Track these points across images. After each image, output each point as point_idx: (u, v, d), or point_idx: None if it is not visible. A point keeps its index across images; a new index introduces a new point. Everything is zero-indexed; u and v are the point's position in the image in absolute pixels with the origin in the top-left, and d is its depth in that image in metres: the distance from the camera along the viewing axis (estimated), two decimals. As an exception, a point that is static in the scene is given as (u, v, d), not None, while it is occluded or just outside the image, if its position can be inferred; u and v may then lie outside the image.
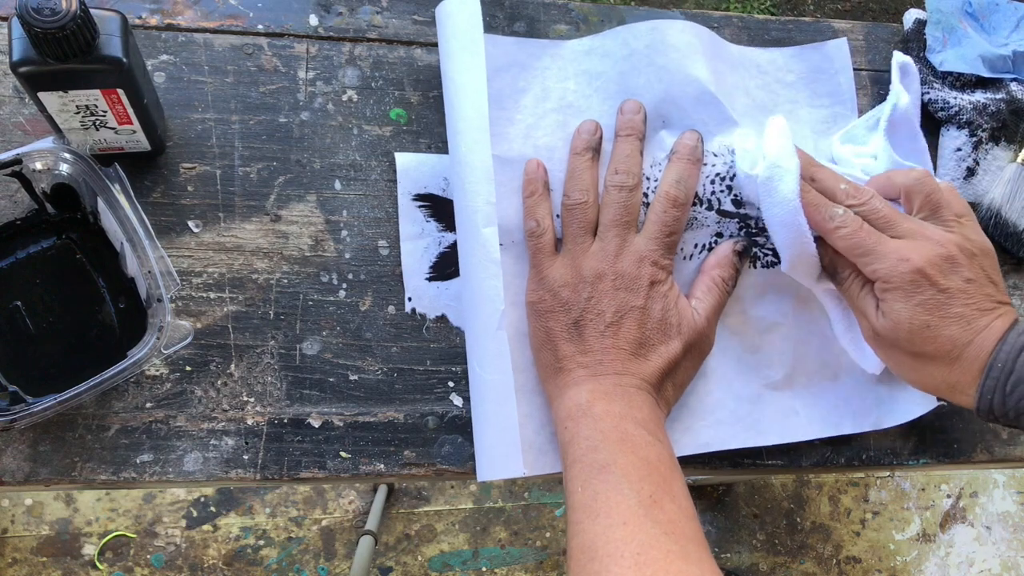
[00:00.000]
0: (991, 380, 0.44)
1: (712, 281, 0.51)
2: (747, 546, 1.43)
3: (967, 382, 0.46)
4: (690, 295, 0.51)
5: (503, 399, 0.48)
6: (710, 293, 0.51)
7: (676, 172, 0.51)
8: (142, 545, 1.27)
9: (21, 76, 0.42)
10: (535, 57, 0.56)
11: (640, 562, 0.39)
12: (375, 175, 0.54)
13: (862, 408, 0.54)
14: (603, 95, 0.55)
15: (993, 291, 0.47)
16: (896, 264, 0.47)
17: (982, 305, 0.46)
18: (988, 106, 0.60)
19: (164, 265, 0.46)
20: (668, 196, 0.51)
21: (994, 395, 0.44)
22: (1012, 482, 1.53)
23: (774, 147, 0.50)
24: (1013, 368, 0.44)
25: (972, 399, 0.46)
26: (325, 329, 0.51)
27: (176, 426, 0.48)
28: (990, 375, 0.44)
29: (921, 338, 0.46)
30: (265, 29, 0.55)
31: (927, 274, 0.46)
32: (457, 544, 1.35)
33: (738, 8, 1.75)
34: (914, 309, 0.46)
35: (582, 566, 0.41)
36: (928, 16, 0.63)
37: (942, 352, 0.46)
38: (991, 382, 0.44)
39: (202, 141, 0.52)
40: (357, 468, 0.50)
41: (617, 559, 0.40)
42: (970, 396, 0.46)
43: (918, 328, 0.46)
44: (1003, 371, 0.44)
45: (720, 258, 0.52)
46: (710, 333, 0.51)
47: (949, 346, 0.46)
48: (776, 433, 0.53)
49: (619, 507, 0.41)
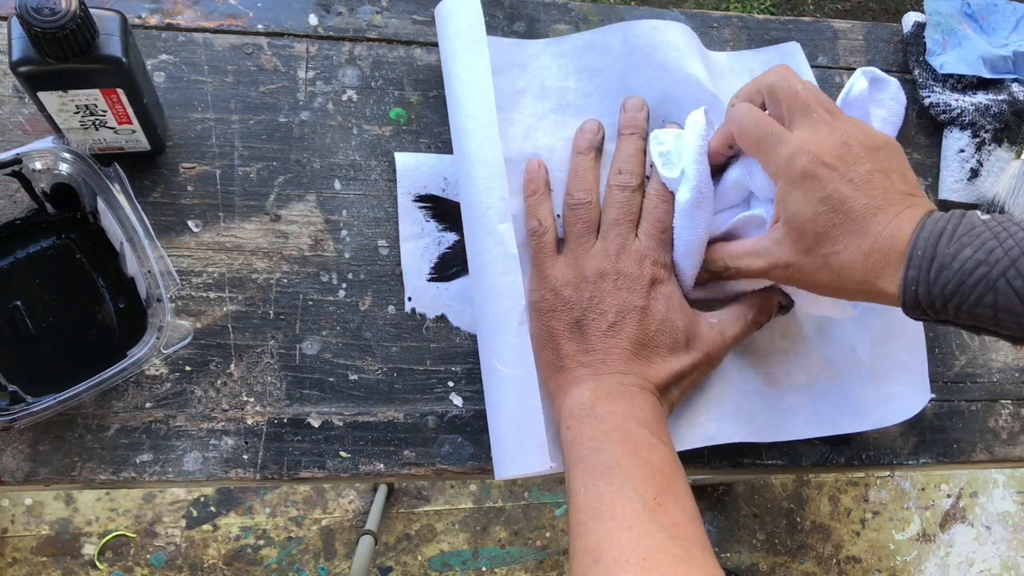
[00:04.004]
0: (912, 270, 0.41)
1: (746, 315, 0.51)
2: (747, 546, 1.43)
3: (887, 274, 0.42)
4: (717, 313, 0.51)
5: (527, 394, 0.48)
6: (737, 323, 0.50)
7: None
8: (142, 545, 1.27)
9: (21, 76, 0.42)
10: (534, 57, 0.56)
11: (646, 567, 0.39)
12: (375, 175, 0.54)
13: (864, 407, 0.54)
14: (603, 93, 0.55)
15: (903, 185, 0.44)
16: (795, 157, 0.44)
17: (891, 197, 0.43)
18: (990, 107, 0.60)
19: (164, 265, 0.46)
20: (656, 192, 0.51)
21: (918, 286, 0.41)
22: (1012, 482, 1.53)
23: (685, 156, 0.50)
24: (935, 254, 0.40)
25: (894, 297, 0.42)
26: (325, 329, 0.51)
27: (176, 426, 0.48)
28: (911, 264, 0.41)
29: (829, 237, 0.43)
30: (265, 29, 0.55)
31: (818, 172, 0.43)
32: (457, 544, 1.35)
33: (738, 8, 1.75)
34: (816, 207, 0.43)
35: (587, 568, 0.41)
36: (927, 18, 0.63)
37: (851, 248, 0.43)
38: (912, 272, 0.41)
39: (202, 141, 0.52)
40: (357, 468, 0.50)
41: (623, 564, 0.39)
42: (892, 292, 0.42)
43: (823, 227, 0.43)
44: (923, 258, 0.41)
45: (764, 301, 0.52)
46: (724, 356, 0.51)
47: (858, 240, 0.42)
48: (777, 431, 0.53)
49: (624, 510, 0.41)
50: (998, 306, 0.40)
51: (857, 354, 0.55)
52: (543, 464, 0.47)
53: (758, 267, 0.47)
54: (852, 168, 0.44)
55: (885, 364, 0.55)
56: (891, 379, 0.55)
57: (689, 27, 0.57)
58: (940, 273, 0.40)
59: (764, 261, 0.47)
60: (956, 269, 0.40)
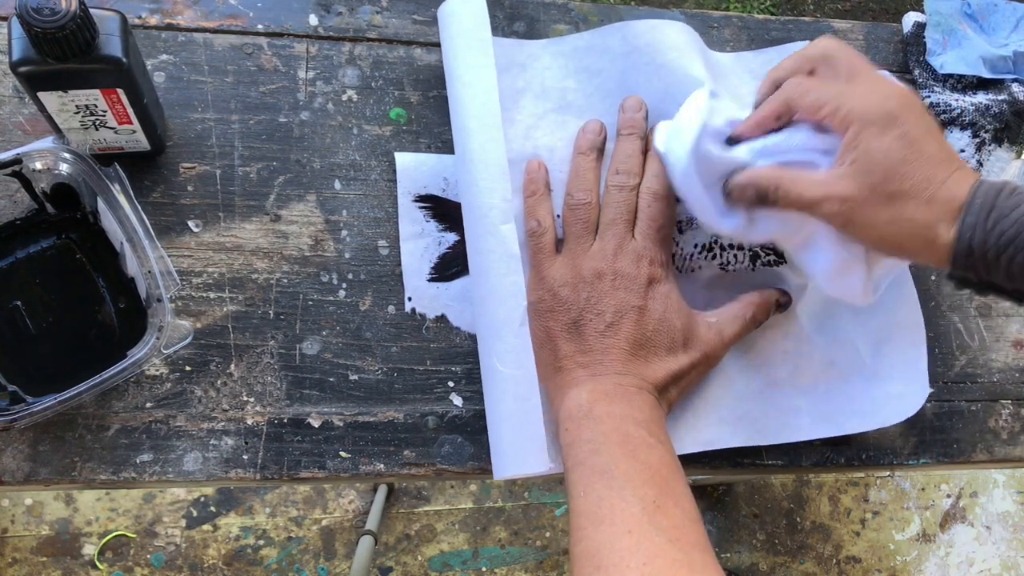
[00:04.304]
0: (971, 216, 0.42)
1: (744, 314, 0.51)
2: (747, 546, 1.43)
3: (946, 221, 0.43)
4: (715, 312, 0.51)
5: (526, 394, 0.48)
6: (735, 323, 0.51)
7: (653, 165, 0.51)
8: (142, 545, 1.27)
9: (21, 76, 0.42)
10: (534, 57, 0.56)
11: (646, 572, 0.39)
12: (375, 175, 0.54)
13: (868, 407, 0.54)
14: (603, 93, 0.55)
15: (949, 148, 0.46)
16: (868, 100, 0.45)
17: (951, 154, 0.45)
18: (990, 107, 0.60)
19: (164, 265, 0.46)
20: (648, 191, 0.51)
21: (975, 232, 0.42)
22: (1012, 482, 1.53)
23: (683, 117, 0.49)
24: (994, 204, 0.42)
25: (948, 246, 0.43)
26: (325, 329, 0.51)
27: (176, 426, 0.48)
28: (970, 211, 0.43)
29: (899, 174, 0.44)
30: (265, 29, 0.55)
31: (899, 112, 0.45)
32: (457, 544, 1.35)
33: (738, 8, 1.75)
34: (891, 143, 0.44)
35: (588, 574, 0.40)
36: (927, 19, 0.63)
37: (918, 189, 0.44)
38: (971, 218, 0.42)
39: (202, 141, 0.52)
40: (357, 468, 0.50)
41: (623, 569, 0.39)
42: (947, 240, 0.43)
43: (896, 163, 0.44)
44: (983, 207, 0.42)
45: (763, 300, 0.52)
46: (723, 355, 0.51)
47: (925, 183, 0.44)
48: (778, 432, 0.53)
49: (623, 514, 0.41)
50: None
51: (860, 353, 0.55)
52: (542, 465, 0.47)
53: (812, 195, 0.46)
54: (922, 119, 0.45)
55: (887, 363, 0.55)
56: (893, 378, 0.55)
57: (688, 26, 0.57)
58: (998, 222, 0.42)
59: (822, 190, 0.46)
60: (1014, 219, 0.41)
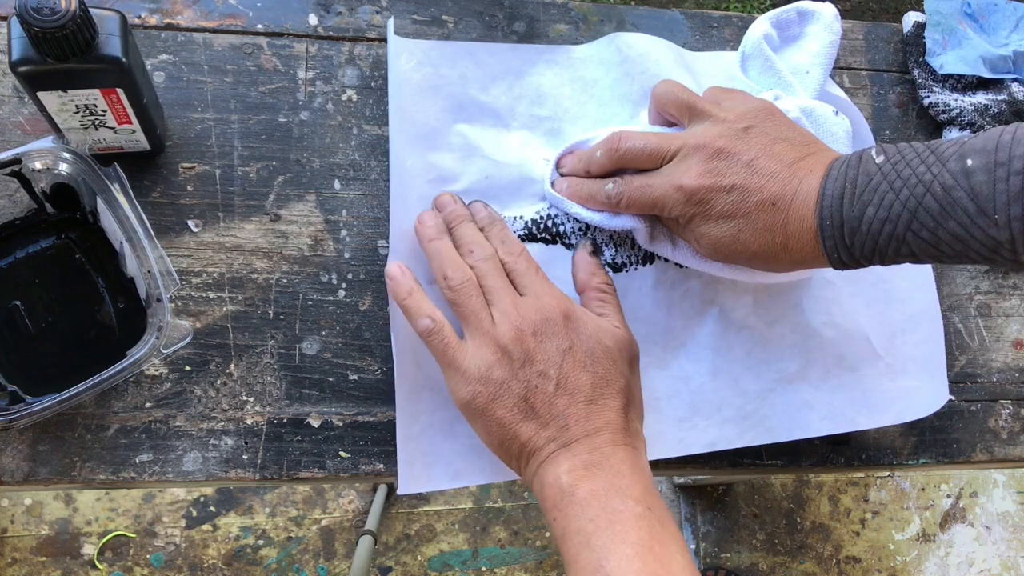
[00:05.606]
0: (828, 241, 0.42)
1: (599, 291, 0.50)
2: (747, 546, 1.43)
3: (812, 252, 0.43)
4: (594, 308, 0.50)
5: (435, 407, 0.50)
6: (607, 303, 0.49)
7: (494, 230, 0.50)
8: (142, 545, 1.27)
9: (20, 76, 0.42)
10: (530, 64, 0.56)
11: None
12: (375, 175, 0.54)
13: (881, 402, 0.54)
14: (598, 102, 0.56)
15: (785, 149, 0.44)
16: (673, 195, 0.45)
17: (779, 174, 0.44)
18: (990, 107, 0.60)
19: (163, 265, 0.46)
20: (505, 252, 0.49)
21: (839, 253, 0.42)
22: (1012, 482, 1.53)
23: None
24: (842, 220, 0.41)
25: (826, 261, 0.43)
26: (324, 329, 0.51)
27: (175, 426, 0.48)
28: (824, 237, 0.42)
29: (743, 245, 0.44)
30: (264, 29, 0.55)
31: (704, 186, 0.44)
32: (457, 544, 1.35)
33: (738, 8, 1.75)
34: (718, 224, 0.44)
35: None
36: (927, 18, 0.63)
37: (770, 244, 0.44)
38: (829, 243, 0.42)
39: (201, 141, 0.52)
40: (356, 468, 0.50)
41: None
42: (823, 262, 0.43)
43: (731, 240, 0.44)
44: (834, 227, 0.42)
45: (587, 268, 0.51)
46: (633, 338, 0.49)
47: (771, 237, 0.43)
48: (787, 429, 0.52)
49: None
50: (917, 255, 0.41)
51: (873, 346, 0.54)
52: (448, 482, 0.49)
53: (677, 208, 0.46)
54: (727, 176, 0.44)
55: (902, 357, 0.55)
56: (909, 373, 0.54)
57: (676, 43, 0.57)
58: (854, 237, 0.41)
59: None
60: (866, 232, 0.41)
